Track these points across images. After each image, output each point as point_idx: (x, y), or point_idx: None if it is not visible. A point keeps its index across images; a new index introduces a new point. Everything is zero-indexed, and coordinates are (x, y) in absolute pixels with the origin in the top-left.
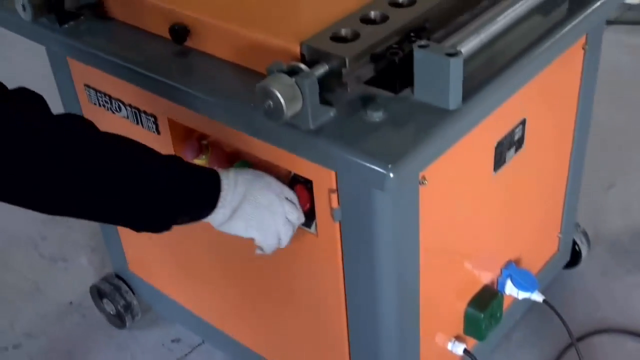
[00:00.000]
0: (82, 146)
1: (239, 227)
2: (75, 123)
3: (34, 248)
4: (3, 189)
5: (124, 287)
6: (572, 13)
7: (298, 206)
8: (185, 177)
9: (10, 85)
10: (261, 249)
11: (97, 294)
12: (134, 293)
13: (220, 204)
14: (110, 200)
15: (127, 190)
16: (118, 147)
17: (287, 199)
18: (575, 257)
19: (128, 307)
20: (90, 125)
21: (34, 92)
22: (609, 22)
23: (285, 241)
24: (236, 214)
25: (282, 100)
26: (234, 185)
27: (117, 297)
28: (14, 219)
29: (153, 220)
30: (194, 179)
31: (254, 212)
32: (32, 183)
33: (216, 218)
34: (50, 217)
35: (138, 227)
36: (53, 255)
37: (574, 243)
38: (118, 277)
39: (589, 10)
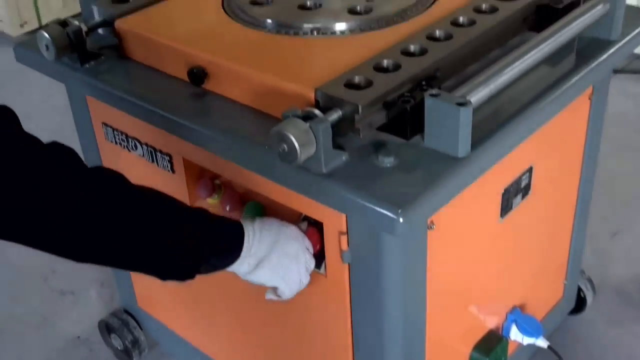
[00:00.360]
0: (114, 199)
1: (265, 277)
2: (108, 176)
3: (44, 281)
4: (36, 237)
5: (132, 322)
6: (579, 65)
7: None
8: (209, 228)
9: (26, 121)
10: (277, 295)
11: (105, 328)
12: (141, 329)
13: (244, 254)
14: (137, 250)
15: (153, 241)
16: (146, 200)
17: (306, 248)
18: (580, 304)
19: (135, 342)
20: (121, 178)
21: (64, 145)
22: (616, 71)
23: (301, 289)
24: (262, 263)
25: (296, 145)
26: (259, 236)
27: (125, 333)
28: (24, 252)
29: (177, 270)
30: (218, 231)
31: (281, 262)
32: (65, 232)
33: (241, 268)
34: None
35: (163, 276)
36: (62, 289)
37: (579, 290)
38: (126, 312)
39: (596, 63)
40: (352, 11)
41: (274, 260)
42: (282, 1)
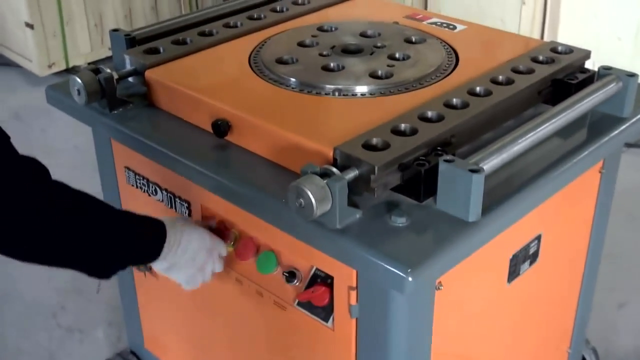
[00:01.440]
0: (50, 205)
1: (172, 275)
2: (58, 188)
3: (53, 317)
4: None
5: None
6: (590, 139)
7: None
8: (133, 234)
9: (47, 159)
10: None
11: None
12: None
13: (161, 257)
14: (65, 248)
15: (84, 241)
16: (77, 203)
17: (219, 255)
18: None
19: None
20: (62, 187)
21: (39, 163)
22: (629, 145)
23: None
24: (174, 267)
25: (313, 200)
26: (178, 245)
27: None
28: (35, 287)
29: (100, 267)
30: (142, 236)
31: (187, 269)
32: (10, 233)
33: (155, 265)
34: (71, 287)
35: (90, 272)
36: (70, 326)
37: (583, 359)
38: (133, 353)
39: (607, 138)
40: (374, 75)
41: (182, 266)
42: (306, 61)
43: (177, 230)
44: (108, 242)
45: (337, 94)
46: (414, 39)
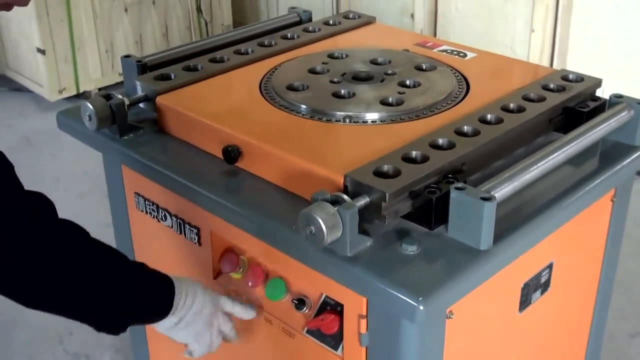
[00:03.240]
0: (61, 257)
1: (180, 335)
2: (69, 232)
3: (60, 343)
4: None
5: None
6: (602, 167)
7: (231, 319)
8: (143, 289)
9: (56, 184)
10: (190, 353)
11: None
12: None
13: (170, 314)
14: (76, 302)
15: (92, 296)
16: (87, 260)
17: (225, 312)
18: None
19: None
20: (81, 234)
21: (44, 197)
22: None
23: (214, 348)
24: (181, 323)
25: (323, 228)
26: (185, 297)
27: None
28: (42, 313)
29: (110, 322)
30: (151, 291)
31: (195, 324)
32: (16, 277)
33: (164, 324)
34: None
35: (98, 328)
36: (77, 352)
37: None
38: None
39: (618, 167)
40: (384, 102)
41: (189, 321)
42: (317, 88)
43: (182, 284)
44: (115, 293)
45: (347, 120)
46: (424, 67)
